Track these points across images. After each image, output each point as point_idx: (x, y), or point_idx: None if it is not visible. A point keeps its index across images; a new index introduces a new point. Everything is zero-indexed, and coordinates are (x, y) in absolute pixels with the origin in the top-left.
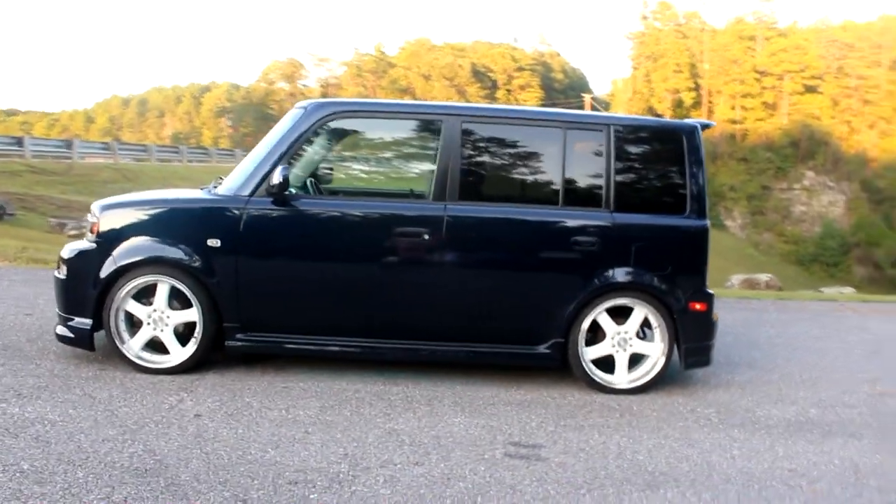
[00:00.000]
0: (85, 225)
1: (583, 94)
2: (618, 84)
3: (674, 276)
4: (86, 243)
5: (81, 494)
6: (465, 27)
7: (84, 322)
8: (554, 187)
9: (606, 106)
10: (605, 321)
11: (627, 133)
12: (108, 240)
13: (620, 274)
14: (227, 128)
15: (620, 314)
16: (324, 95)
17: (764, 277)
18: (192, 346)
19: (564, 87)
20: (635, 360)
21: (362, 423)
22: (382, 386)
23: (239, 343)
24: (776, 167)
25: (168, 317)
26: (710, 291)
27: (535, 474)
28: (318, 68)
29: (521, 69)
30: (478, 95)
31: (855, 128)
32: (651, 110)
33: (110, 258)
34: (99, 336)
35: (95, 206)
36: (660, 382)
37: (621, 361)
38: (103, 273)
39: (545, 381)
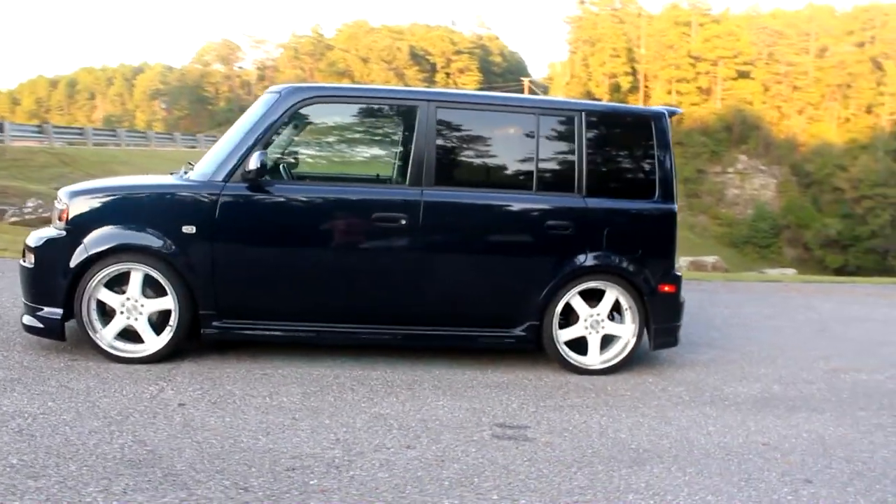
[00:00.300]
0: (27, 211)
1: (521, 78)
2: (555, 68)
3: (644, 259)
4: (53, 231)
5: (78, 487)
6: (403, 9)
7: (54, 312)
8: (528, 173)
9: (545, 90)
10: (578, 304)
11: (598, 119)
12: (79, 227)
13: (592, 258)
14: (160, 111)
15: (592, 297)
16: (260, 78)
17: (710, 259)
18: (167, 335)
19: (503, 71)
20: (606, 341)
21: (348, 409)
22: (361, 371)
23: (215, 330)
24: (711, 151)
25: (142, 305)
26: (679, 274)
27: (525, 454)
28: (254, 50)
29: (459, 52)
30: (416, 79)
31: (785, 113)
32: (589, 94)
33: (81, 246)
34: (69, 326)
35: (64, 192)
36: (629, 363)
37: (594, 343)
38: (74, 261)
39: (520, 363)
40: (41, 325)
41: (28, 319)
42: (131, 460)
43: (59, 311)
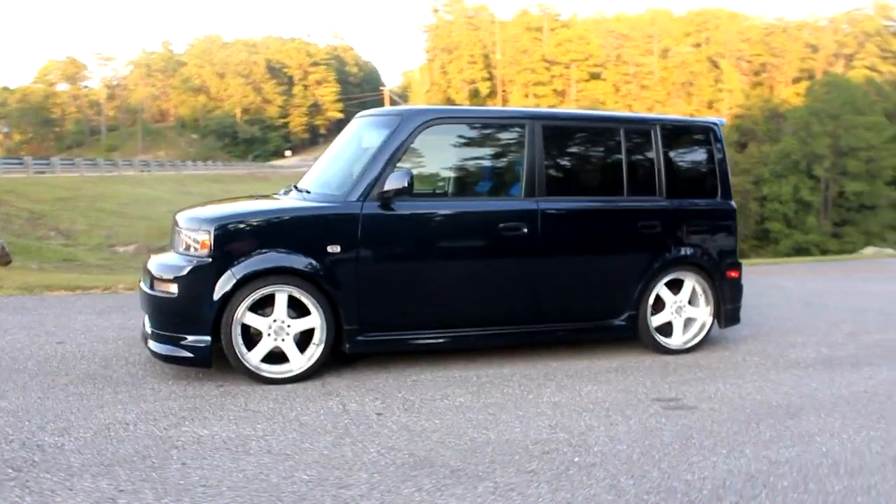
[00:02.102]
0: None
1: (381, 88)
2: (410, 76)
3: (715, 249)
4: (189, 258)
5: (398, 490)
6: (256, 22)
7: (202, 340)
8: (619, 179)
9: (405, 98)
10: (665, 293)
11: (669, 131)
12: (225, 254)
13: (676, 251)
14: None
15: (672, 285)
16: (110, 97)
17: None
18: (315, 352)
19: (360, 81)
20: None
21: (524, 402)
22: (495, 369)
23: (359, 345)
24: None
25: (289, 326)
26: (740, 261)
27: (704, 418)
28: (101, 68)
29: (316, 64)
30: (274, 92)
31: (636, 110)
32: (449, 101)
33: (228, 272)
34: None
35: (199, 220)
36: (704, 341)
37: (678, 326)
38: (222, 288)
39: (606, 351)
40: (189, 355)
41: (167, 349)
42: (409, 464)
43: (208, 338)
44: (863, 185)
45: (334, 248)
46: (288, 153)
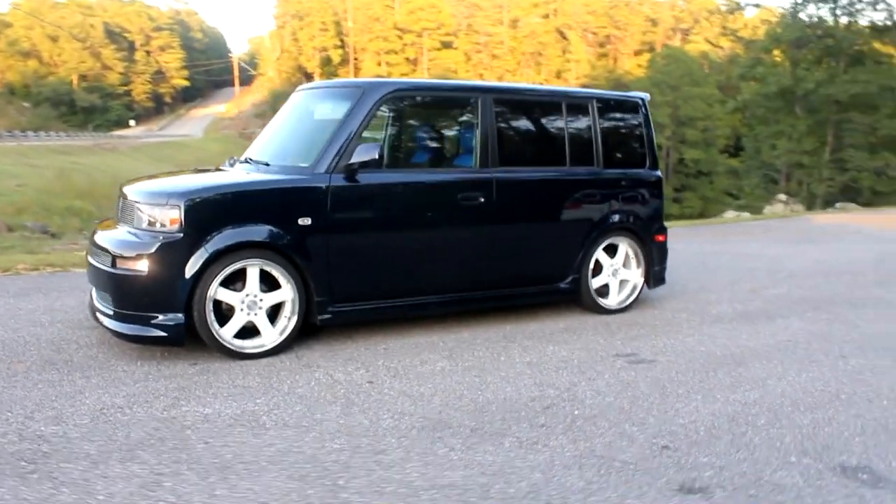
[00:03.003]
0: None
1: (229, 55)
2: (257, 42)
3: (645, 216)
4: (158, 235)
5: (478, 446)
6: None
7: (175, 318)
8: (562, 150)
9: (254, 66)
10: (603, 257)
11: (604, 104)
12: (197, 229)
13: (613, 218)
14: None
15: (608, 249)
16: None
17: None
18: (288, 326)
19: (205, 47)
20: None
21: (501, 363)
22: (458, 334)
23: (330, 315)
24: None
25: (261, 300)
26: (665, 225)
27: (667, 369)
28: None
29: (159, 29)
30: (115, 58)
31: (487, 79)
32: (301, 68)
33: (200, 248)
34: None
35: (170, 195)
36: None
37: (614, 287)
38: (195, 264)
39: (542, 314)
40: (161, 334)
41: (135, 328)
42: (428, 427)
43: (181, 316)
44: (700, 153)
45: (305, 221)
46: (132, 122)
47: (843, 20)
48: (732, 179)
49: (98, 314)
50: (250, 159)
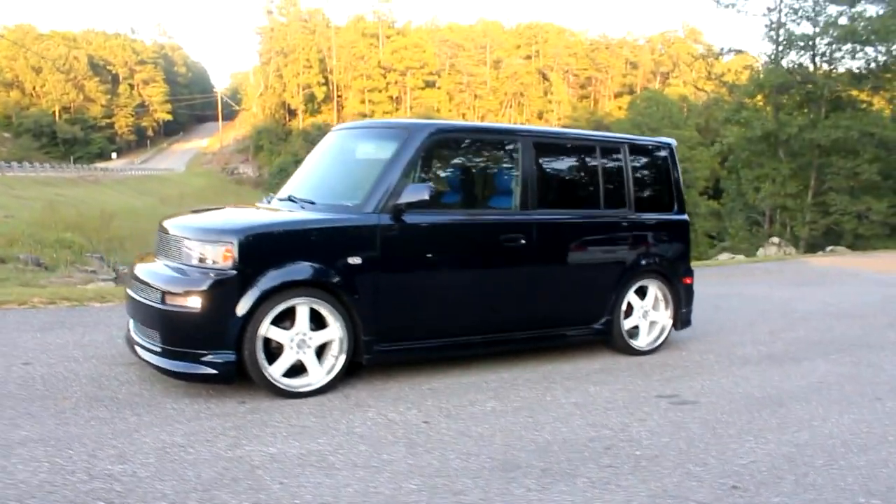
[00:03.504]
0: None
1: (214, 91)
2: (239, 78)
3: (674, 258)
4: (209, 272)
5: (551, 487)
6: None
7: (226, 355)
8: (597, 193)
9: (237, 101)
10: (634, 299)
11: (635, 149)
12: (250, 267)
13: (645, 260)
14: None
15: (639, 291)
16: None
17: None
18: (336, 365)
19: (188, 82)
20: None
21: (549, 403)
22: (499, 374)
23: (376, 355)
24: None
25: (310, 338)
26: (692, 268)
27: (713, 410)
28: None
29: (142, 62)
30: (98, 90)
31: (469, 119)
32: (285, 105)
33: (253, 286)
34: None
35: (224, 232)
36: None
37: (644, 329)
38: (247, 302)
39: (572, 355)
40: (212, 371)
41: (184, 366)
42: (498, 467)
43: (232, 354)
44: None
45: (355, 260)
46: (114, 155)
47: (824, 67)
48: (713, 221)
49: (138, 349)
50: (293, 197)
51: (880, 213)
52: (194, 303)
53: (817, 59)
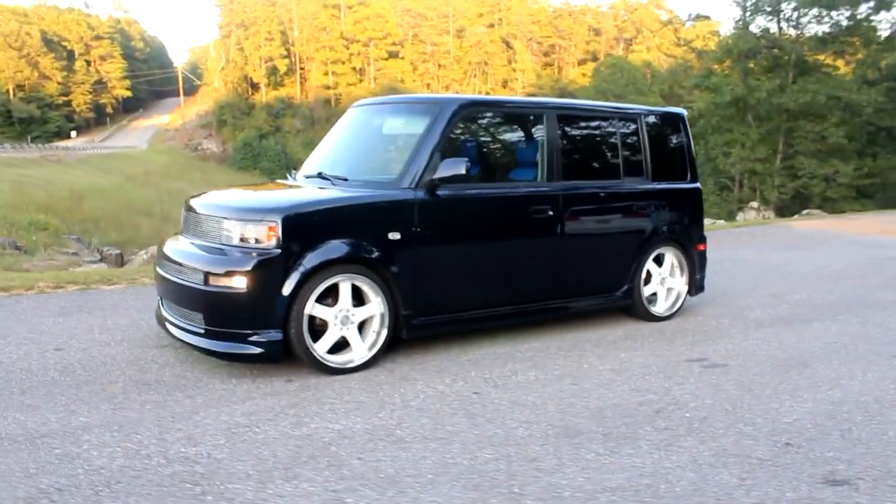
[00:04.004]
0: None
1: (175, 66)
2: (198, 52)
3: (689, 226)
4: (251, 251)
5: (618, 449)
6: None
7: (274, 335)
8: (616, 164)
9: (198, 76)
10: (652, 266)
11: (651, 119)
12: (295, 245)
13: (662, 228)
14: None
15: (656, 258)
16: None
17: None
18: (378, 340)
19: (146, 57)
20: None
21: (587, 370)
22: (533, 343)
23: (416, 329)
24: None
25: (353, 315)
26: (705, 235)
27: (744, 371)
28: None
29: (98, 38)
30: (53, 67)
31: (434, 89)
32: (247, 78)
33: (298, 264)
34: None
35: (266, 211)
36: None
37: (661, 296)
38: (293, 280)
39: (595, 323)
40: (259, 351)
41: (230, 346)
42: (562, 434)
43: (279, 333)
44: None
45: (395, 235)
46: (73, 134)
47: (791, 32)
48: None
49: (174, 329)
50: (324, 174)
51: (847, 176)
52: (240, 283)
53: (784, 23)
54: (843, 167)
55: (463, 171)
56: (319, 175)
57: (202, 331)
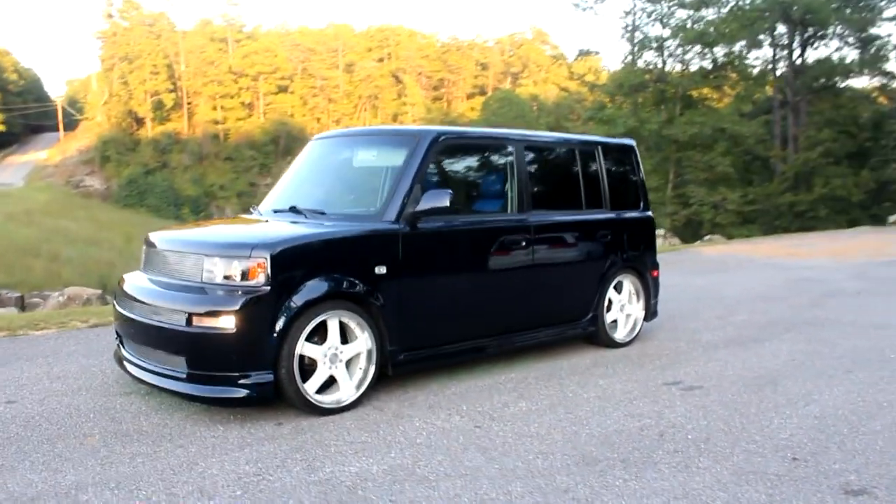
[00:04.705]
0: None
1: (54, 100)
2: (76, 85)
3: (643, 253)
4: (238, 289)
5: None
6: None
7: (264, 376)
8: (578, 194)
9: (79, 110)
10: (613, 294)
11: (606, 150)
12: (284, 282)
13: (621, 256)
14: None
15: (615, 286)
16: None
17: None
18: (365, 378)
19: (21, 90)
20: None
21: (572, 398)
22: (509, 375)
23: (400, 364)
24: (260, 164)
25: (342, 352)
26: (658, 261)
27: (722, 392)
28: None
29: None
30: None
31: (324, 124)
32: (132, 113)
33: (288, 301)
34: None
35: (252, 246)
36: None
37: (621, 322)
38: (283, 318)
39: (560, 351)
40: (248, 394)
41: (217, 390)
42: (580, 462)
43: (270, 373)
44: None
45: (381, 269)
46: None
47: (676, 67)
48: None
49: (139, 372)
50: (296, 208)
51: (734, 203)
52: (228, 323)
53: (669, 59)
54: (730, 194)
55: (447, 203)
56: (292, 209)
57: (184, 375)
